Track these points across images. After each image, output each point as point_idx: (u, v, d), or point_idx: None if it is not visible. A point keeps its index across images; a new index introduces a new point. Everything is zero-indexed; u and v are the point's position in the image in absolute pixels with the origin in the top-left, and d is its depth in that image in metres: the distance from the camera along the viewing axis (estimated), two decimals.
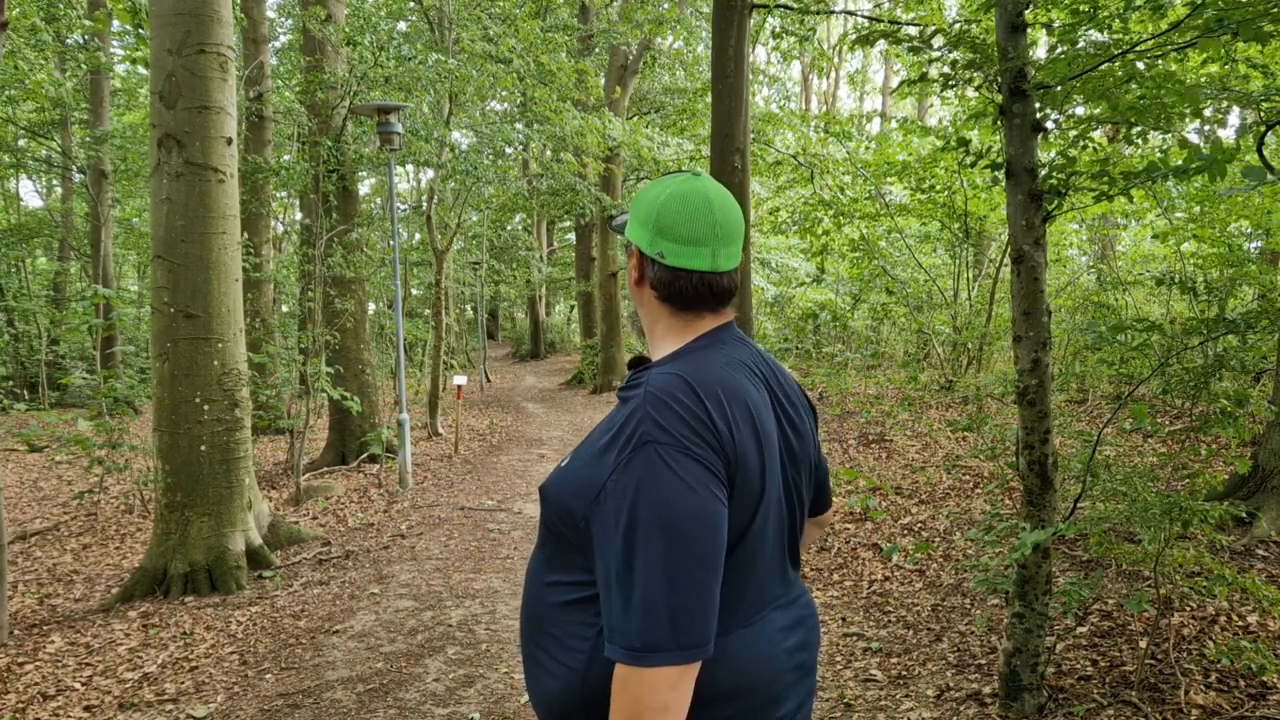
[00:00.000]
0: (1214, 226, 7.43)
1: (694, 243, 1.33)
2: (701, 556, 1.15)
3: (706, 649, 1.16)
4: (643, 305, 1.43)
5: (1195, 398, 5.39)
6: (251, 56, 10.48)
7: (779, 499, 1.33)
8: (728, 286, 1.39)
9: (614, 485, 1.18)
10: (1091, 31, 3.24)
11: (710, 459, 1.19)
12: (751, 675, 1.29)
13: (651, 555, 1.14)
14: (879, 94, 30.79)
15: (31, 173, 21.06)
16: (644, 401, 1.21)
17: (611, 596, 1.17)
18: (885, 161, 11.07)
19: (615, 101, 16.28)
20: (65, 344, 18.09)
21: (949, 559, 4.99)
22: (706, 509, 1.16)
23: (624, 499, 1.16)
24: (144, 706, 3.83)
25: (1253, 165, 2.32)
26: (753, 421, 1.27)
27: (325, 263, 9.53)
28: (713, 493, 1.18)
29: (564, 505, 1.26)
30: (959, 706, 3.28)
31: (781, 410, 1.38)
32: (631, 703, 1.13)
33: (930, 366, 11.80)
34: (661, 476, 1.16)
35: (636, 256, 1.39)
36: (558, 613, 1.29)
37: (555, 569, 1.31)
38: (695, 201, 1.34)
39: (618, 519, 1.16)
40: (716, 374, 1.27)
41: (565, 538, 1.28)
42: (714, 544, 1.17)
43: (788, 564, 1.41)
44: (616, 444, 1.21)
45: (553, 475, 1.34)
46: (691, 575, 1.14)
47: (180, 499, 5.45)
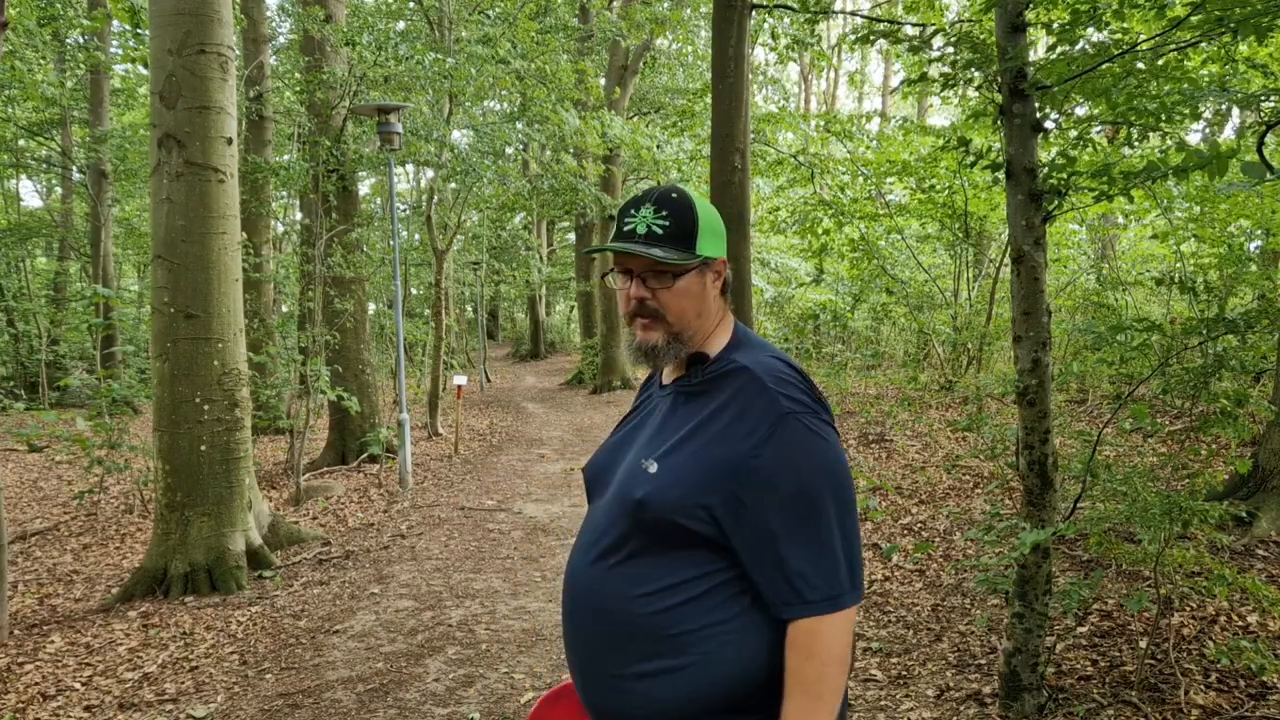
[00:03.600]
0: (1214, 226, 7.43)
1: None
2: (852, 504, 1.31)
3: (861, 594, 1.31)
4: (713, 313, 1.46)
5: (1195, 398, 5.39)
6: (251, 56, 10.48)
7: None
8: None
9: (765, 460, 1.27)
10: (1092, 31, 3.24)
11: (831, 421, 1.36)
12: None
13: (823, 510, 1.27)
14: (879, 94, 30.79)
15: (31, 172, 21.05)
16: (762, 382, 1.31)
17: (786, 560, 1.26)
18: (886, 161, 11.07)
19: (615, 101, 16.27)
20: (65, 344, 18.08)
21: (949, 559, 4.99)
22: (846, 463, 1.33)
23: (783, 467, 1.26)
24: (144, 706, 3.83)
25: (1252, 162, 2.32)
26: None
27: (325, 263, 9.52)
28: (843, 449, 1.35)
29: (684, 503, 1.29)
30: (959, 706, 3.28)
31: None
32: (824, 652, 1.25)
33: (930, 366, 11.80)
34: (811, 440, 1.29)
35: (723, 266, 1.46)
36: (670, 617, 1.30)
37: (657, 577, 1.32)
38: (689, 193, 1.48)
39: (778, 487, 1.26)
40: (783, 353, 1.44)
41: (679, 538, 1.30)
42: (854, 490, 1.35)
43: None
44: (745, 425, 1.29)
45: (647, 484, 1.33)
46: (854, 522, 1.31)
47: (180, 499, 5.45)
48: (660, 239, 1.38)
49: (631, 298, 1.41)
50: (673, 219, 1.39)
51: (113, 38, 14.81)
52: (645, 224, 1.39)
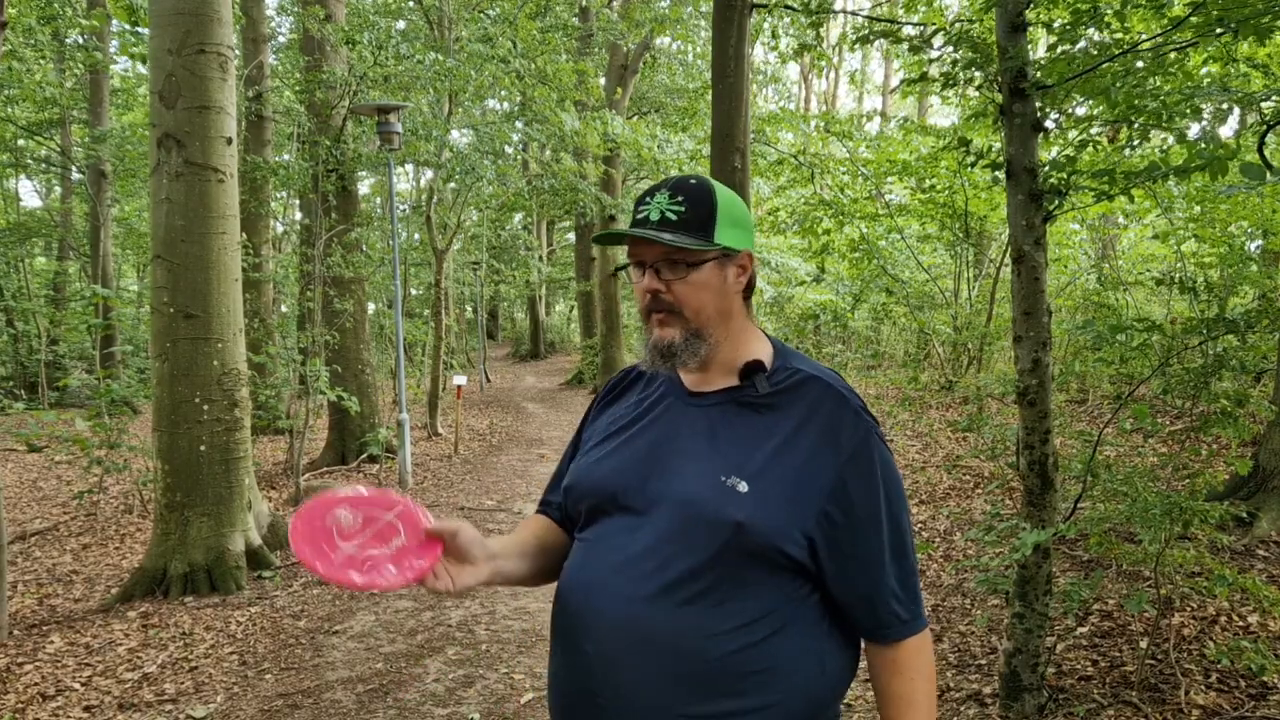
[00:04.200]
0: (1214, 226, 7.42)
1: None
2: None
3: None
4: (735, 313, 1.34)
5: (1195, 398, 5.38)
6: (251, 56, 10.47)
7: None
8: None
9: (860, 480, 1.24)
10: (1092, 31, 3.24)
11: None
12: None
13: (907, 529, 1.28)
14: (879, 94, 30.79)
15: (31, 172, 21.05)
16: (844, 396, 1.28)
17: (883, 582, 1.24)
18: (887, 160, 11.07)
19: (615, 101, 16.27)
20: (64, 344, 18.07)
21: (949, 559, 4.99)
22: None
23: (875, 487, 1.24)
24: (144, 707, 3.83)
25: (1252, 163, 2.32)
26: None
27: (325, 263, 9.52)
28: None
29: (790, 528, 1.20)
30: (959, 707, 3.28)
31: None
32: (928, 669, 1.28)
33: (930, 366, 11.80)
34: (890, 458, 1.28)
35: (749, 261, 1.33)
36: (758, 652, 1.20)
37: (743, 610, 1.20)
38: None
39: (873, 508, 1.24)
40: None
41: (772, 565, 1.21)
42: None
43: None
44: (836, 443, 1.24)
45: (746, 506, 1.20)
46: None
47: (180, 499, 5.44)
48: (674, 225, 1.25)
49: (645, 291, 1.28)
50: (689, 205, 1.27)
51: (112, 37, 14.81)
52: (659, 210, 1.27)
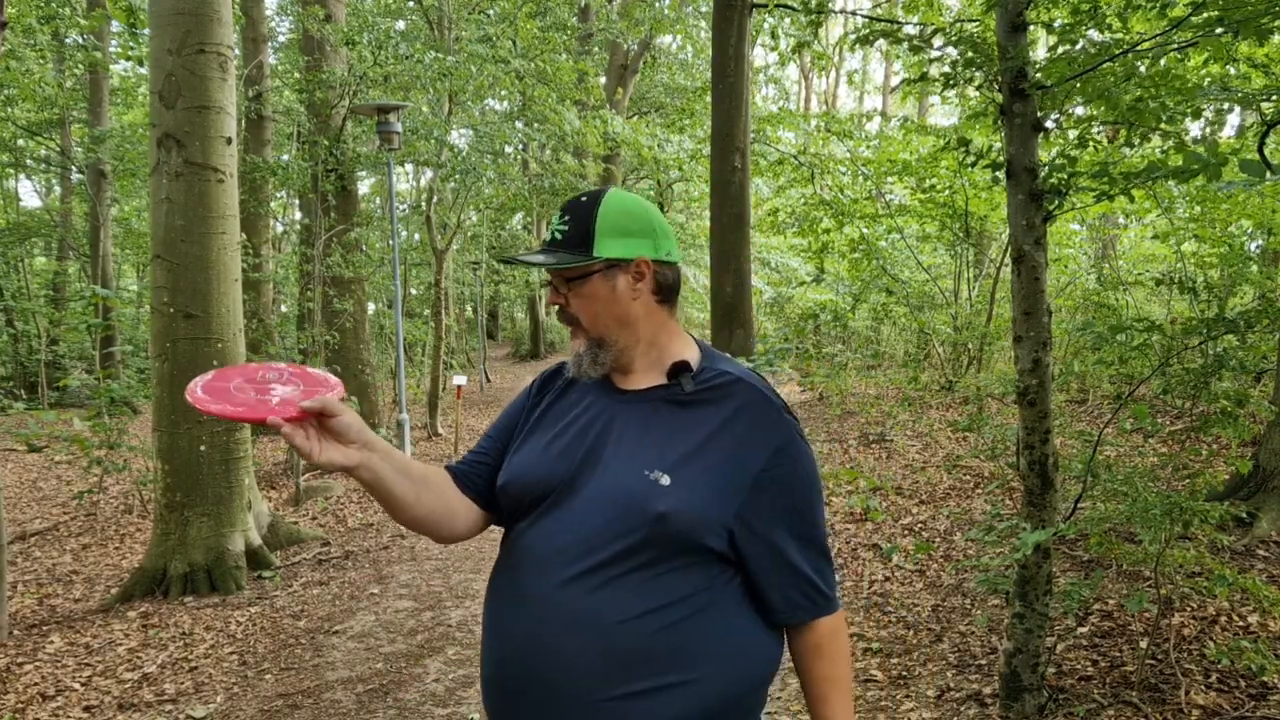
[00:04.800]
0: (1214, 226, 7.42)
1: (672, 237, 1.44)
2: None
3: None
4: (637, 320, 1.38)
5: (1195, 398, 5.39)
6: (251, 56, 10.48)
7: None
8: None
9: (780, 474, 1.32)
10: (1092, 31, 3.24)
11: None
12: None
13: (821, 519, 1.38)
14: (879, 93, 30.79)
15: (30, 172, 21.04)
16: (767, 397, 1.36)
17: (799, 567, 1.34)
18: (887, 160, 11.07)
19: (616, 101, 16.27)
20: (64, 344, 18.07)
21: (949, 559, 4.99)
22: None
23: (793, 481, 1.33)
24: (143, 707, 3.83)
25: (1252, 161, 2.31)
26: None
27: (324, 263, 9.52)
28: None
29: (709, 520, 1.28)
30: (959, 707, 3.27)
31: None
32: (846, 647, 1.40)
33: (930, 366, 11.80)
34: (809, 453, 1.37)
35: (646, 267, 1.37)
36: (679, 631, 1.27)
37: (665, 591, 1.27)
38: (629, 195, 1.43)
39: (790, 500, 1.33)
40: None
41: (692, 553, 1.28)
42: None
43: None
44: (758, 440, 1.32)
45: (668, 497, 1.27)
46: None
47: (180, 499, 5.44)
48: (559, 244, 1.36)
49: (549, 304, 1.44)
50: (571, 223, 1.36)
51: (112, 37, 14.81)
52: (552, 231, 1.39)
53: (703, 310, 17.68)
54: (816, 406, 11.35)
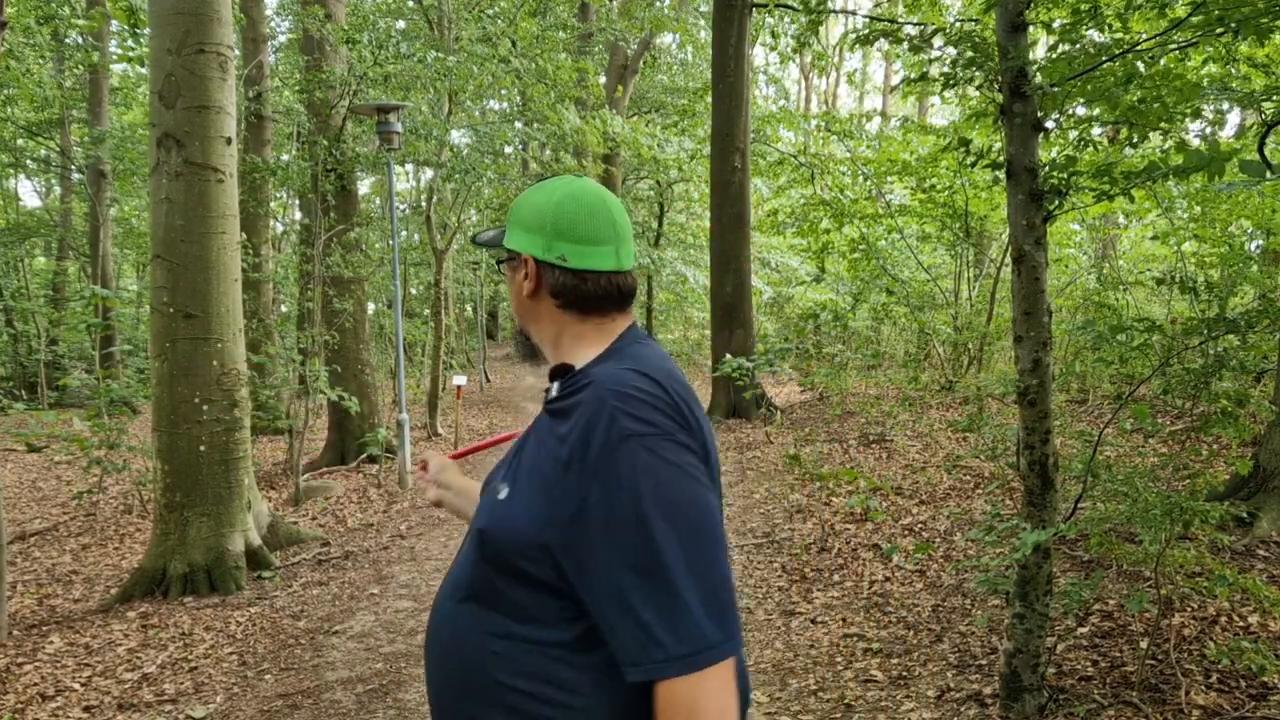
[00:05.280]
0: (1215, 226, 7.43)
1: (597, 242, 1.28)
2: (716, 542, 1.10)
3: (738, 643, 1.08)
4: (539, 319, 1.32)
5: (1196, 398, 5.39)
6: (251, 56, 10.47)
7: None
8: (632, 285, 1.33)
9: (599, 497, 1.06)
10: (1092, 31, 3.24)
11: (694, 444, 1.13)
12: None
13: (673, 553, 1.05)
14: (879, 93, 30.80)
15: (30, 172, 21.04)
16: (604, 399, 1.11)
17: (633, 608, 1.04)
18: (887, 160, 11.07)
19: (616, 100, 16.27)
20: (64, 344, 18.07)
21: (949, 559, 4.99)
22: (706, 494, 1.11)
23: (618, 505, 1.05)
24: (143, 707, 3.83)
25: (1251, 161, 2.31)
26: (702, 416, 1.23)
27: (324, 263, 9.52)
28: (705, 477, 1.13)
29: (520, 540, 1.12)
30: (959, 707, 3.27)
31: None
32: (715, 708, 1.03)
33: (931, 366, 11.80)
34: (655, 468, 1.07)
35: (530, 266, 1.29)
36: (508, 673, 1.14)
37: (496, 619, 1.16)
38: (592, 200, 1.29)
39: (617, 530, 1.05)
40: (661, 364, 1.22)
41: (524, 580, 1.14)
42: (720, 528, 1.12)
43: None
44: (583, 453, 1.08)
45: (491, 512, 1.18)
46: (716, 563, 1.08)
47: (179, 499, 5.44)
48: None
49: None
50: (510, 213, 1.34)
51: (111, 37, 14.82)
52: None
53: (703, 310, 17.71)
54: (816, 406, 11.35)
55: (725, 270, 11.11)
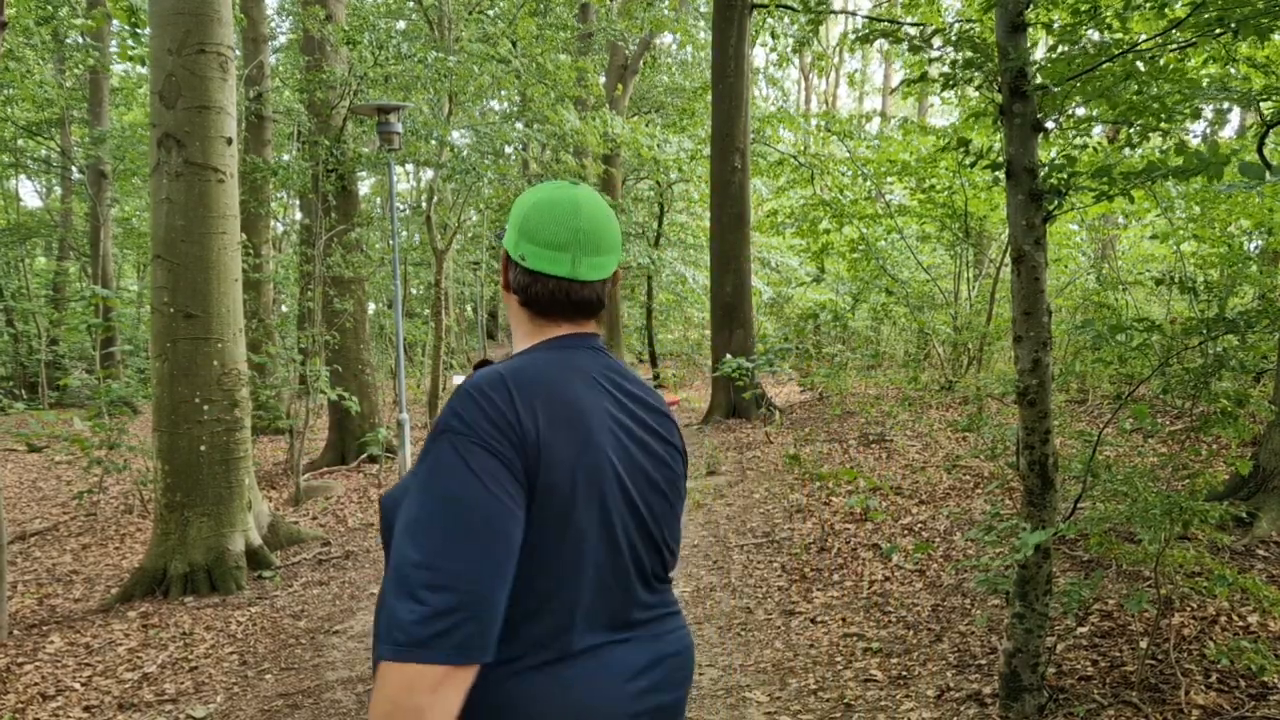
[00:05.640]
0: (1214, 226, 7.43)
1: (554, 247, 1.32)
2: (482, 553, 1.10)
3: (478, 655, 1.09)
4: (510, 310, 1.43)
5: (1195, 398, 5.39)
6: (251, 56, 10.48)
7: (623, 520, 1.27)
8: (588, 297, 1.36)
9: (412, 479, 1.16)
10: (1092, 31, 3.24)
11: (506, 454, 1.15)
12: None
13: (431, 548, 1.09)
14: (879, 94, 30.80)
15: (31, 173, 21.05)
16: (457, 393, 1.20)
17: (388, 591, 1.10)
18: (887, 161, 11.08)
19: (616, 100, 16.28)
20: (64, 344, 18.08)
21: (949, 559, 4.99)
22: (493, 505, 1.12)
23: (415, 491, 1.13)
24: (143, 707, 3.83)
25: (1251, 163, 2.32)
26: (577, 426, 1.23)
27: (325, 263, 9.52)
28: (504, 488, 1.14)
29: (387, 517, 1.21)
30: (959, 707, 3.28)
31: (633, 434, 1.33)
32: (384, 701, 1.06)
33: (930, 366, 11.80)
34: (451, 467, 1.12)
35: (504, 259, 1.39)
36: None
37: None
38: (561, 207, 1.33)
39: (407, 512, 1.13)
40: (540, 373, 1.26)
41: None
42: (497, 543, 1.11)
43: (639, 592, 1.30)
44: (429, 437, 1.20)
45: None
46: (469, 572, 1.09)
47: (180, 499, 5.44)
48: None
49: None
50: None
51: (112, 37, 14.82)
52: None
53: (703, 310, 17.71)
54: (816, 406, 11.36)
55: (725, 270, 11.11)
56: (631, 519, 1.29)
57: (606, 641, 1.25)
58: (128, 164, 16.41)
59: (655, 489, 1.33)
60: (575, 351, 1.34)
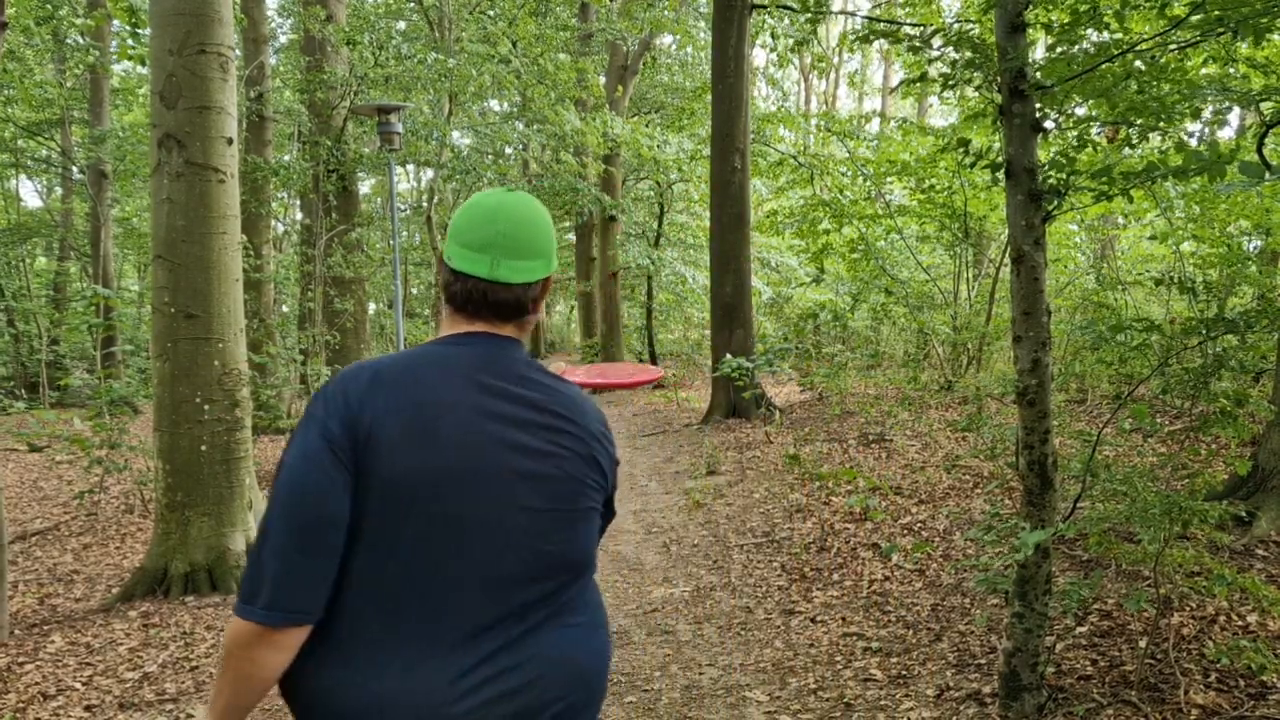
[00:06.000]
0: (1213, 226, 7.43)
1: (474, 248, 1.38)
2: (300, 526, 1.22)
3: (282, 618, 1.21)
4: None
5: (1195, 398, 5.40)
6: (252, 56, 10.49)
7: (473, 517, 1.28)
8: (506, 299, 1.39)
9: None
10: (1091, 31, 3.24)
11: (334, 434, 1.25)
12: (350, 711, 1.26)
13: (268, 515, 1.25)
14: (879, 95, 30.81)
15: (31, 173, 21.06)
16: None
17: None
18: (886, 161, 11.08)
19: (616, 101, 16.28)
20: (65, 344, 18.08)
21: (949, 559, 5.00)
22: (310, 478, 1.23)
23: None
24: (144, 706, 3.84)
25: (1251, 163, 2.32)
26: (426, 421, 1.27)
27: (325, 263, 9.53)
28: (326, 470, 1.23)
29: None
30: (959, 706, 3.28)
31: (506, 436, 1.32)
32: (222, 648, 1.27)
33: (930, 366, 11.81)
34: (295, 444, 1.27)
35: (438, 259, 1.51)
36: None
37: None
38: (484, 210, 1.39)
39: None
40: (406, 367, 1.32)
41: None
42: (311, 514, 1.23)
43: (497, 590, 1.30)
44: None
45: None
46: (286, 539, 1.22)
47: (180, 499, 5.45)
48: None
49: None
50: None
51: (112, 37, 14.82)
52: None
53: (703, 310, 17.72)
54: (816, 406, 11.36)
55: (725, 270, 11.12)
56: (488, 518, 1.29)
57: (439, 635, 1.27)
58: (128, 164, 16.41)
59: (531, 492, 1.33)
60: (467, 349, 1.37)
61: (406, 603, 1.25)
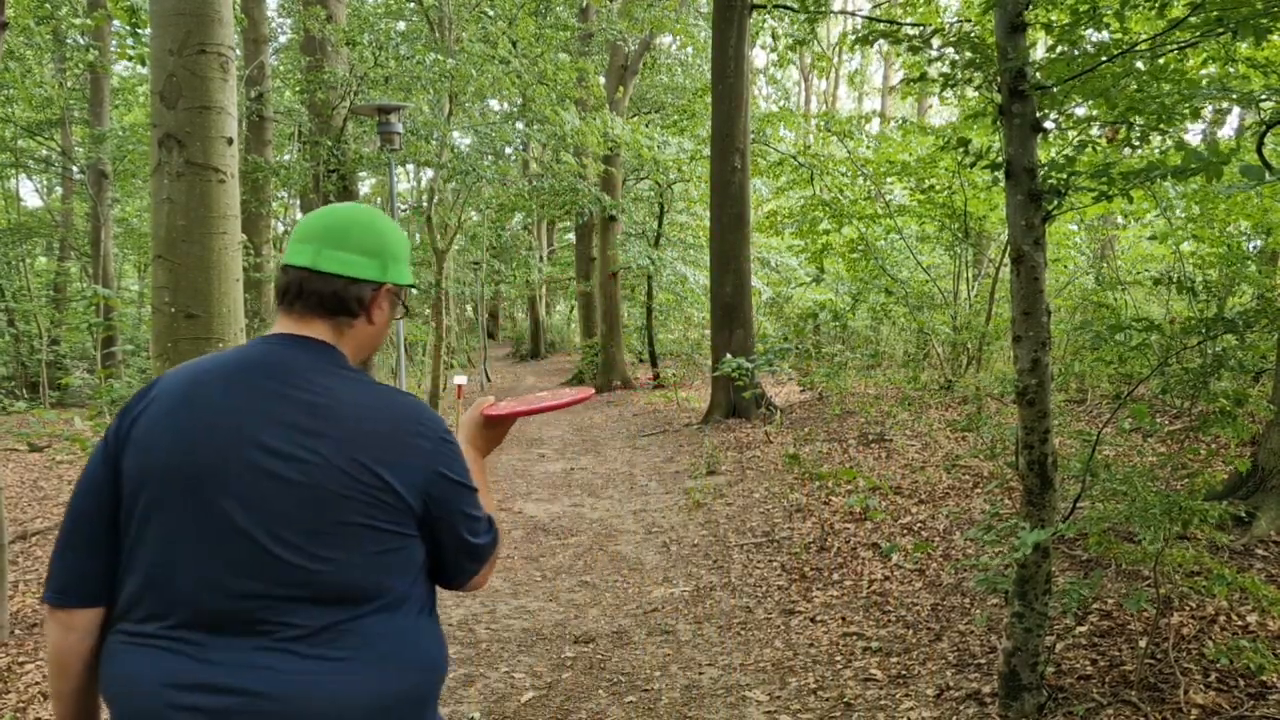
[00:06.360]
0: (1213, 226, 7.44)
1: (301, 239, 1.40)
2: (72, 518, 1.34)
3: (56, 599, 1.33)
4: None
5: (1195, 397, 5.40)
6: (252, 56, 10.49)
7: (217, 526, 1.25)
8: (321, 289, 1.37)
9: None
10: (1090, 31, 3.25)
11: (109, 435, 1.35)
12: (112, 691, 1.30)
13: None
14: (879, 95, 30.82)
15: (31, 172, 21.06)
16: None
17: None
18: (886, 161, 11.09)
19: (616, 101, 16.28)
20: (65, 344, 18.09)
21: (949, 558, 5.00)
22: (84, 476, 1.35)
23: None
24: None
25: (1251, 164, 2.32)
26: (177, 416, 1.30)
27: None
28: (95, 463, 1.35)
29: None
30: (959, 706, 3.28)
31: (267, 441, 1.27)
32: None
33: (930, 366, 11.81)
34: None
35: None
36: None
37: None
38: (326, 210, 1.43)
39: None
40: (190, 368, 1.38)
41: None
42: (76, 508, 1.34)
43: (223, 613, 1.24)
44: None
45: None
46: (63, 530, 1.35)
47: None
48: None
49: None
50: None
51: (112, 37, 14.83)
52: None
53: (703, 310, 17.72)
54: (816, 406, 11.37)
55: (725, 270, 11.12)
56: (223, 521, 1.26)
57: (174, 633, 1.26)
58: (128, 164, 16.42)
59: (279, 496, 1.26)
60: (257, 349, 1.38)
61: (152, 598, 1.29)
